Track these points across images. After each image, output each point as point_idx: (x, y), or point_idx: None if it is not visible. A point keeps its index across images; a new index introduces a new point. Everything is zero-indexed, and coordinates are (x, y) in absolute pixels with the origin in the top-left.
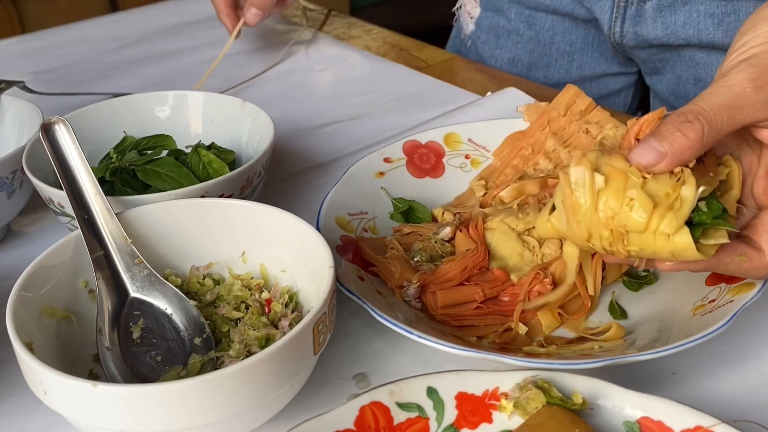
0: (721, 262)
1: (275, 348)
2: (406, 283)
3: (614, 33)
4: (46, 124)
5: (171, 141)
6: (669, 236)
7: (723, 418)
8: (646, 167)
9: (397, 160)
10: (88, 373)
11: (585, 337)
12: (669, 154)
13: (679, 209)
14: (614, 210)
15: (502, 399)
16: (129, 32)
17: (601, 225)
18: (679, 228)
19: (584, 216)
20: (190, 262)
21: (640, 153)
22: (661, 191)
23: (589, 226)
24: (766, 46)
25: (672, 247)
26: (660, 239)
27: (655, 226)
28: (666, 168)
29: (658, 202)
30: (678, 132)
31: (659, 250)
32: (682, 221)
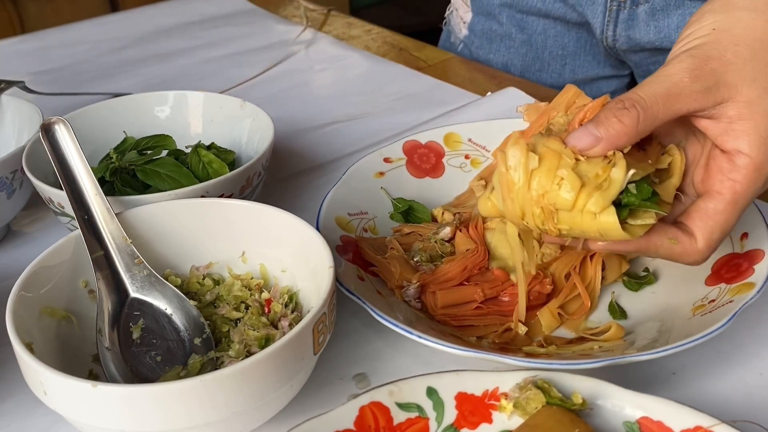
0: (651, 244)
1: (275, 348)
2: (406, 283)
3: (607, 37)
4: (46, 124)
5: (171, 141)
6: (595, 215)
7: (723, 418)
8: (582, 150)
9: (397, 160)
10: (88, 373)
11: (585, 337)
12: (604, 138)
13: (606, 189)
14: (545, 188)
15: (502, 399)
16: (129, 32)
17: (533, 203)
18: (605, 207)
19: (518, 194)
20: (190, 262)
21: (576, 137)
22: (591, 172)
23: (522, 204)
24: (707, 37)
25: (598, 226)
26: (587, 218)
27: (582, 204)
28: (601, 152)
29: (587, 182)
30: (614, 118)
31: (587, 228)
32: (609, 201)
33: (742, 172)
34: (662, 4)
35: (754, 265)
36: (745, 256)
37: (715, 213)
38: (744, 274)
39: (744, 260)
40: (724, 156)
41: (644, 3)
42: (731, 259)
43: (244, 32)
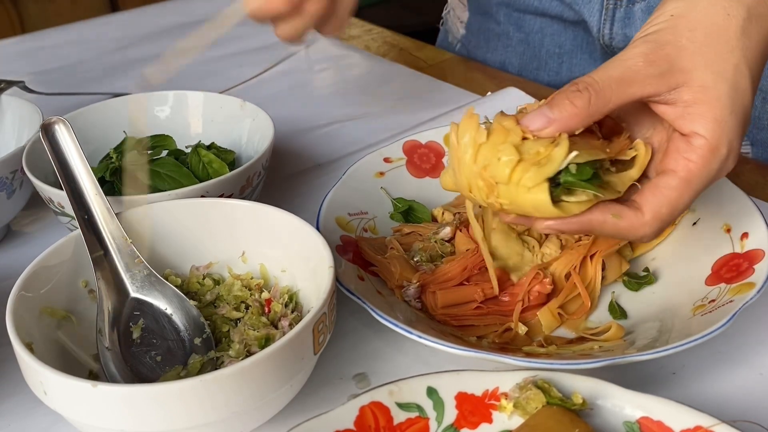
0: (594, 222)
1: (275, 348)
2: (406, 283)
3: (603, 35)
4: (46, 124)
5: (171, 141)
6: (529, 190)
7: (723, 418)
8: (534, 131)
9: (397, 160)
10: (88, 373)
11: (585, 337)
12: (556, 120)
13: (543, 166)
14: (487, 161)
15: (502, 399)
16: (129, 32)
17: (477, 176)
18: (538, 183)
19: (465, 166)
20: (190, 262)
21: (530, 117)
22: (533, 149)
23: (468, 176)
24: (665, 23)
25: (532, 201)
26: (522, 192)
27: (518, 178)
28: (552, 132)
29: (527, 158)
30: (567, 100)
31: (522, 203)
32: (543, 177)
33: (697, 152)
34: (658, 2)
35: (754, 265)
36: (745, 256)
37: (666, 188)
38: (744, 274)
39: (744, 260)
40: (682, 138)
41: (640, 1)
42: (731, 259)
43: (244, 32)
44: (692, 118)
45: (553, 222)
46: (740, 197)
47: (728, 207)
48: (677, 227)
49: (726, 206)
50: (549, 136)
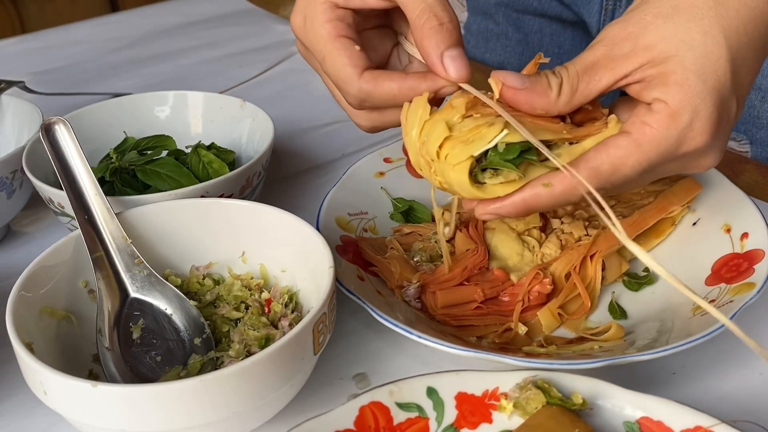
0: (528, 199)
1: (275, 348)
2: (406, 283)
3: None
4: (47, 124)
5: (171, 141)
6: (453, 167)
7: (723, 418)
8: (506, 85)
9: (397, 160)
10: (88, 373)
11: (585, 337)
12: (529, 89)
13: (470, 143)
14: (426, 137)
15: (502, 399)
16: (129, 32)
17: (418, 152)
18: (461, 161)
19: (411, 143)
20: (190, 262)
21: (507, 73)
22: (467, 127)
23: (414, 154)
24: (636, 2)
25: (456, 180)
26: (448, 170)
27: (444, 154)
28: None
29: (458, 135)
30: (545, 79)
31: (451, 182)
32: (467, 155)
33: (655, 116)
34: None
35: (754, 265)
36: (745, 256)
37: (613, 146)
38: (744, 274)
39: (744, 260)
40: (644, 106)
41: None
42: (731, 259)
43: (244, 32)
44: (654, 86)
45: (489, 206)
46: (740, 197)
47: (728, 207)
48: (677, 227)
49: (726, 206)
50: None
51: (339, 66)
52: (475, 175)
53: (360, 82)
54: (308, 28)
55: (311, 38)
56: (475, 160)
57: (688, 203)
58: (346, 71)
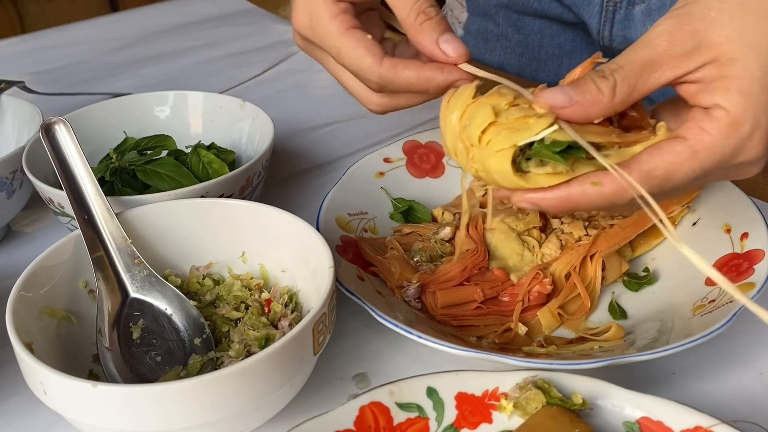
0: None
1: (275, 348)
2: (406, 283)
3: (603, 37)
4: (47, 125)
5: (171, 141)
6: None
7: (723, 418)
8: (553, 107)
9: (397, 160)
10: (88, 373)
11: (585, 338)
12: (578, 103)
13: (516, 131)
14: (468, 121)
15: (502, 399)
16: (129, 32)
17: (457, 136)
18: (505, 148)
19: (450, 127)
20: (190, 262)
21: (551, 92)
22: (514, 115)
23: (452, 138)
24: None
25: (497, 168)
26: (490, 156)
27: (487, 140)
28: (572, 115)
29: (503, 121)
30: (593, 84)
31: (489, 168)
32: (512, 143)
33: (714, 123)
34: (658, 4)
35: (754, 265)
36: (745, 256)
37: (668, 151)
38: (744, 274)
39: (744, 260)
40: (702, 110)
41: (640, 3)
42: (731, 259)
43: (244, 32)
44: (714, 90)
45: (529, 195)
46: (740, 197)
47: (728, 207)
48: (677, 227)
49: (726, 206)
50: (568, 118)
51: (358, 57)
52: (518, 163)
53: (381, 71)
54: (315, 25)
55: (321, 35)
56: (519, 150)
57: (688, 203)
58: (366, 61)
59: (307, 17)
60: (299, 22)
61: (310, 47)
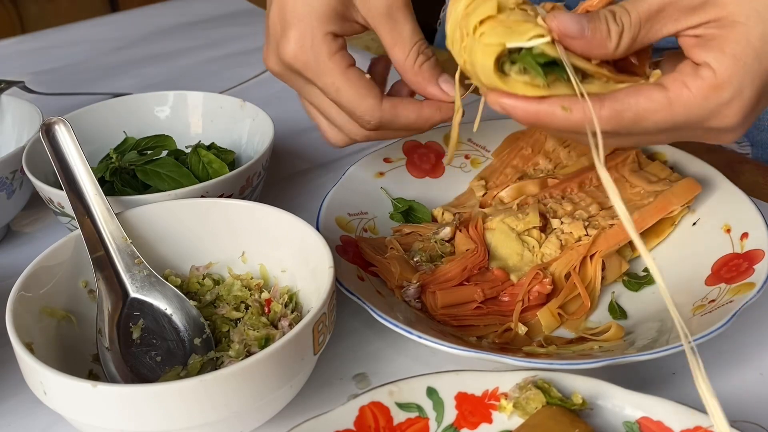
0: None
1: (275, 348)
2: (406, 283)
3: None
4: (47, 124)
5: (171, 141)
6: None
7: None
8: (562, 34)
9: (397, 160)
10: (88, 373)
11: (585, 337)
12: (587, 39)
13: (510, 32)
14: (472, 8)
15: (502, 399)
16: (129, 32)
17: (458, 23)
18: (494, 44)
19: (454, 14)
20: (190, 262)
21: (567, 19)
22: (515, 17)
23: (452, 25)
24: None
25: (481, 62)
26: (479, 49)
27: (481, 31)
28: (578, 47)
29: (502, 19)
30: (605, 26)
31: (474, 61)
32: (501, 40)
33: (698, 82)
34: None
35: (754, 265)
36: (745, 256)
37: (643, 96)
38: (744, 274)
39: (744, 260)
40: (690, 64)
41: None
42: (731, 259)
43: (244, 32)
44: (709, 48)
45: (502, 99)
46: (740, 197)
47: (728, 207)
48: (677, 227)
49: (726, 206)
50: (569, 47)
51: (359, 98)
52: (502, 64)
53: (381, 113)
54: (312, 60)
55: (318, 71)
56: (507, 51)
57: (688, 203)
58: (367, 102)
59: (302, 51)
60: (292, 54)
61: (294, 78)
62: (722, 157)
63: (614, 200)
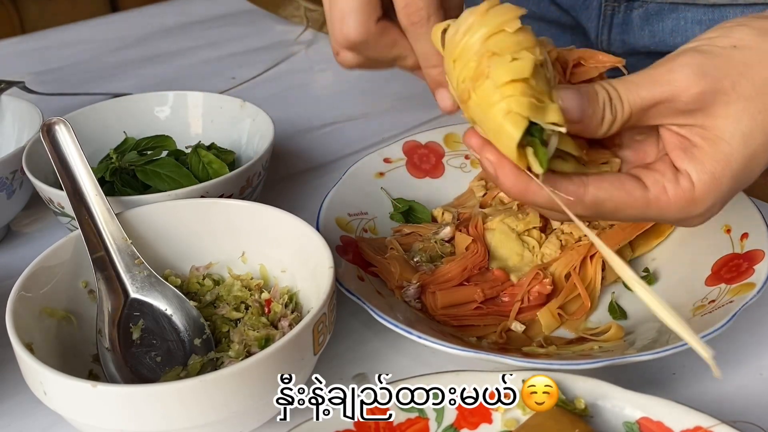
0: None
1: (275, 348)
2: (406, 284)
3: (601, 41)
4: (47, 125)
5: (171, 141)
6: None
7: (723, 418)
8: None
9: (397, 160)
10: (88, 373)
11: (585, 338)
12: (585, 123)
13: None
14: (499, 49)
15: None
16: (129, 32)
17: (477, 55)
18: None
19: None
20: (190, 262)
21: (571, 99)
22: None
23: (465, 50)
24: (720, 52)
25: (498, 123)
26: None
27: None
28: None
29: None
30: (602, 110)
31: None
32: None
33: (677, 192)
34: (657, 8)
35: (754, 266)
36: (745, 257)
37: (625, 190)
38: (744, 275)
39: (744, 260)
40: (672, 168)
41: (638, 8)
42: (731, 259)
43: (244, 32)
44: (691, 157)
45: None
46: (740, 197)
47: (728, 207)
48: (677, 227)
49: (726, 206)
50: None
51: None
52: None
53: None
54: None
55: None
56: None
57: None
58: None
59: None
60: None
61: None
62: None
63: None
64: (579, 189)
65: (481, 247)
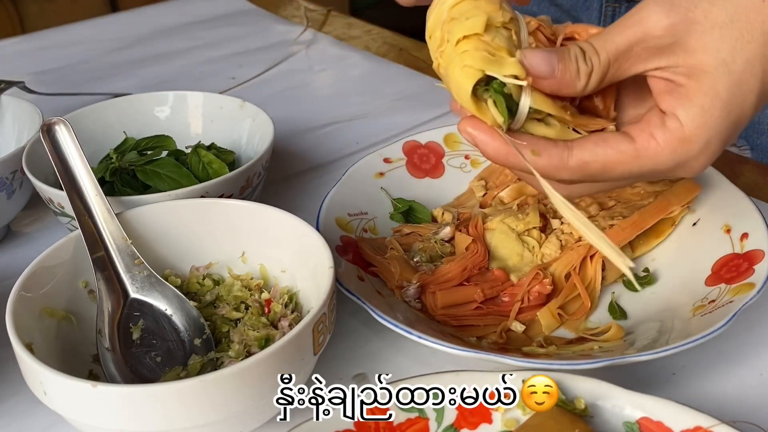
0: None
1: (275, 348)
2: (406, 284)
3: None
4: (47, 125)
5: (171, 141)
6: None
7: (723, 418)
8: (533, 73)
9: (396, 160)
10: (88, 373)
11: (585, 338)
12: (557, 79)
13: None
14: (458, 15)
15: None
16: (129, 32)
17: (440, 23)
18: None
19: (438, 9)
20: (190, 262)
21: (537, 57)
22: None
23: (435, 21)
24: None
25: (457, 80)
26: (457, 63)
27: (464, 48)
28: (545, 87)
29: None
30: (575, 65)
31: (451, 75)
32: (482, 68)
33: (666, 134)
34: None
35: (754, 266)
36: (745, 257)
37: (611, 147)
38: (744, 275)
39: (744, 260)
40: (659, 113)
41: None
42: (731, 259)
43: (244, 32)
44: (677, 97)
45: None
46: (740, 198)
47: (728, 207)
48: (677, 227)
49: (726, 206)
50: (542, 89)
51: None
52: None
53: None
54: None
55: None
56: (485, 77)
57: (687, 203)
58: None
59: None
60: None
61: None
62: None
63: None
64: (563, 152)
65: (481, 247)
